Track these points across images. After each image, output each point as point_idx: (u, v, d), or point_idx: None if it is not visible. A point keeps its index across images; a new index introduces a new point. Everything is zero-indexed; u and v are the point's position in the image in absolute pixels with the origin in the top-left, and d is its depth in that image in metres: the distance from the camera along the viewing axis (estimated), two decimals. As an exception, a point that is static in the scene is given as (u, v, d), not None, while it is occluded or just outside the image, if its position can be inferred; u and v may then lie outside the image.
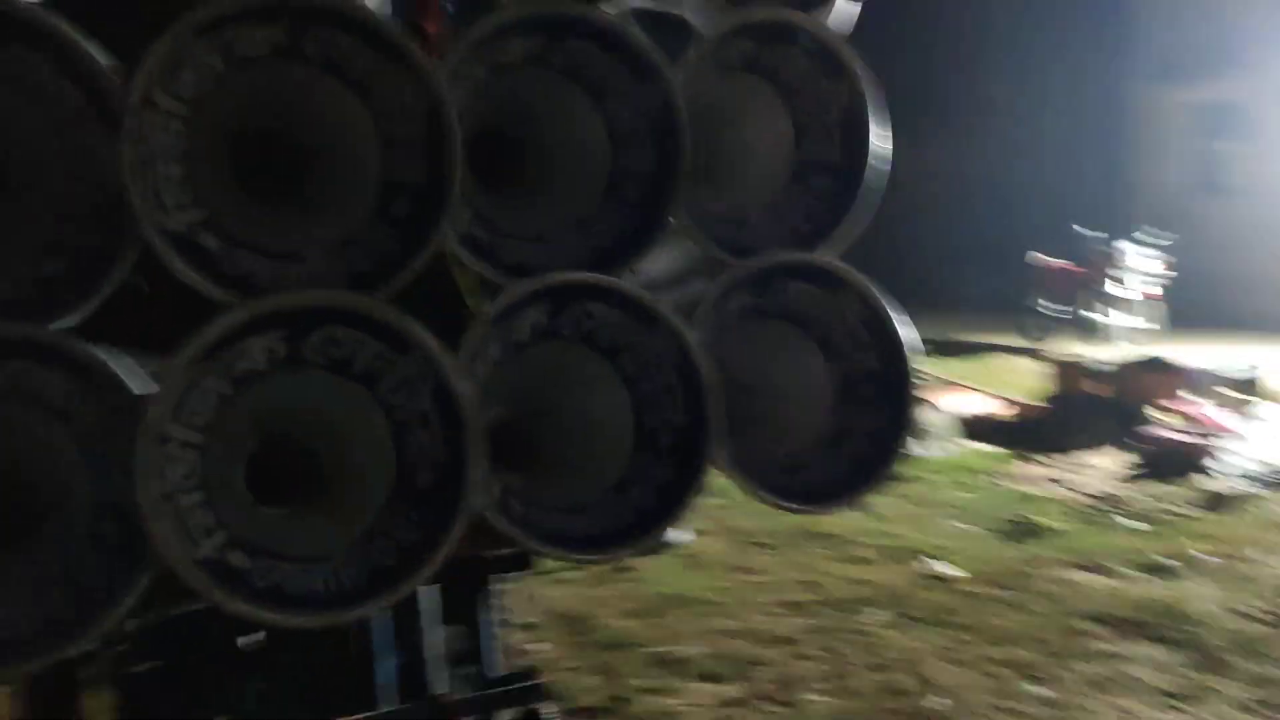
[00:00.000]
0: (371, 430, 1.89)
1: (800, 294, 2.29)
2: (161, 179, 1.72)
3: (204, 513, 1.76)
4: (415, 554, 1.86)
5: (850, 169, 2.32)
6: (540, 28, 1.97)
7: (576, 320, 2.06)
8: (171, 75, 1.69)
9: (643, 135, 2.09)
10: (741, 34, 2.20)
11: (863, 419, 2.33)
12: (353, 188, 1.88)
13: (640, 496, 2.10)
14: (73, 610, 1.74)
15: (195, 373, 1.72)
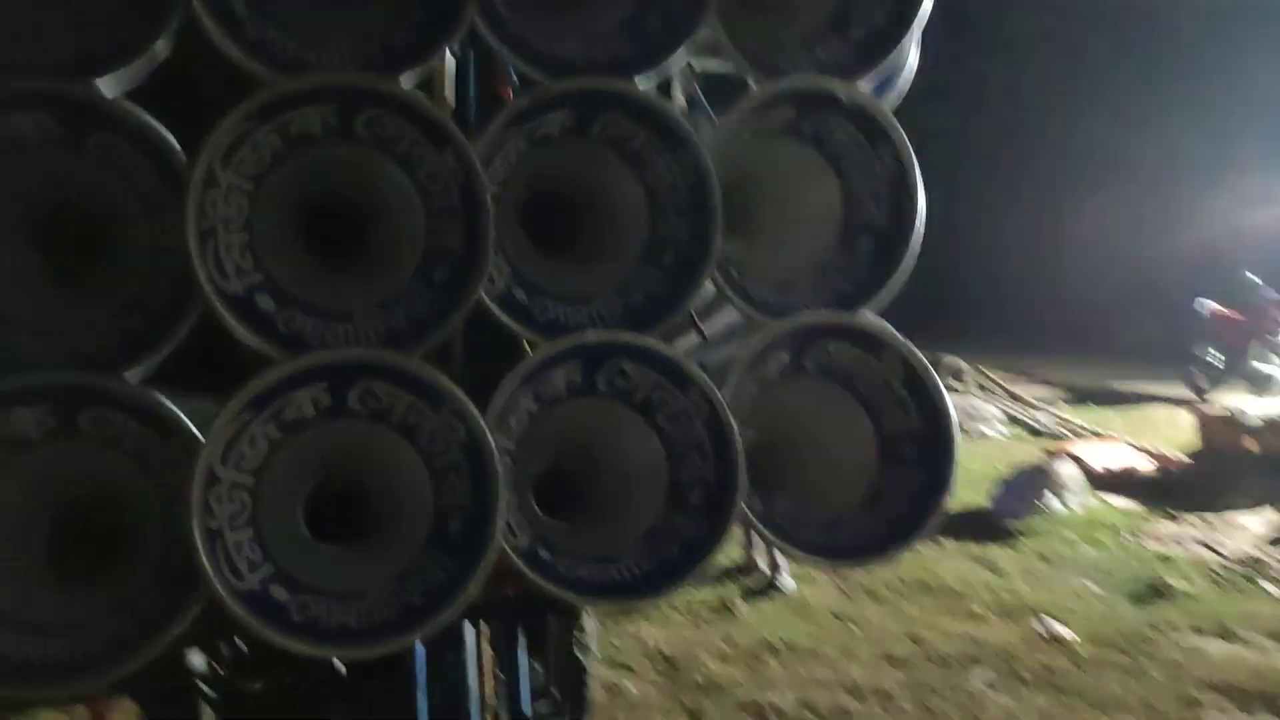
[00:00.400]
0: (411, 477, 2.03)
1: (840, 354, 2.34)
2: (223, 246, 1.90)
3: (251, 548, 1.93)
4: (443, 595, 1.98)
5: (895, 232, 2.36)
6: (575, 102, 2.09)
7: (611, 377, 2.16)
8: (232, 154, 1.88)
9: (679, 202, 2.19)
10: (781, 101, 2.27)
11: (902, 478, 2.35)
12: (398, 254, 2.04)
13: (667, 549, 2.17)
14: (135, 633, 1.92)
15: (244, 420, 1.89)
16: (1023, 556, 6.34)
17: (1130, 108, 17.64)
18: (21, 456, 1.89)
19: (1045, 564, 6.21)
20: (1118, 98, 17.96)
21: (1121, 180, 17.98)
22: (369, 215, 2.06)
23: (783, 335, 2.28)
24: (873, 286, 2.37)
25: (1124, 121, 17.96)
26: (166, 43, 1.91)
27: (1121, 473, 7.74)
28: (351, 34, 1.98)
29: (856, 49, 2.34)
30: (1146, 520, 7.00)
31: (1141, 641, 4.94)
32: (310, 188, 2.00)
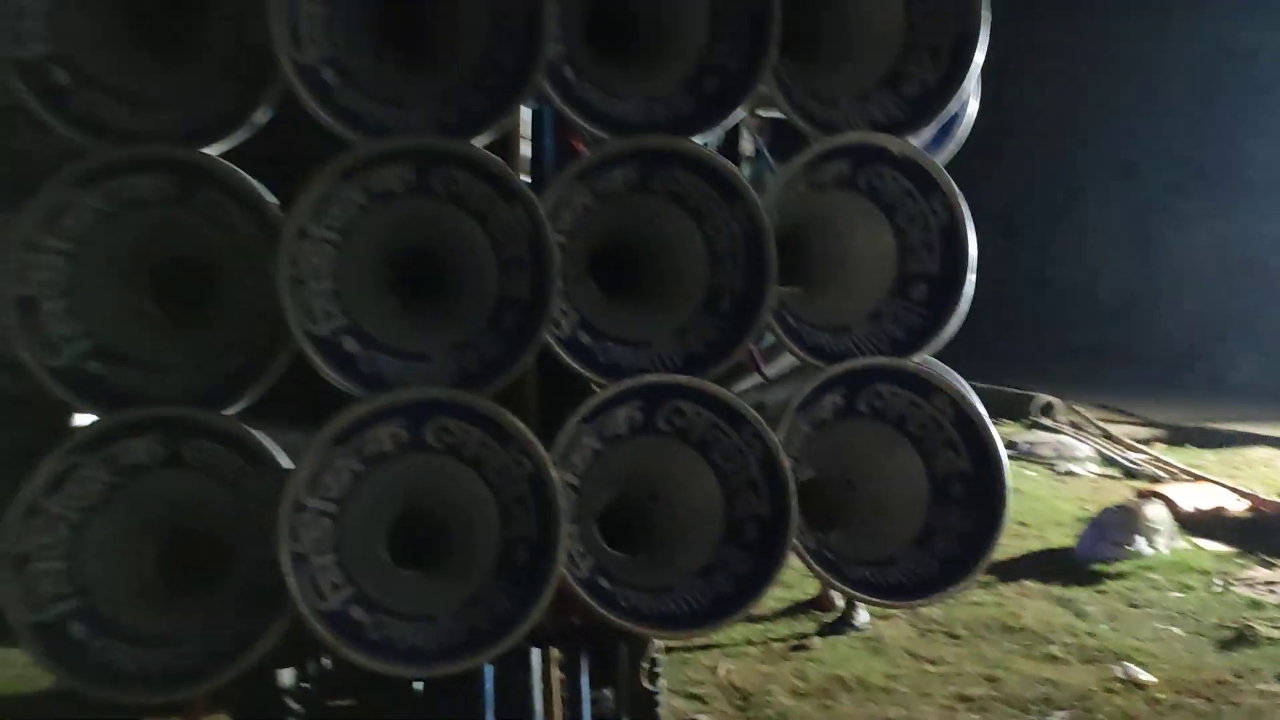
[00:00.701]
0: (480, 509, 2.18)
1: (892, 396, 2.43)
2: (312, 293, 2.09)
3: (335, 572, 2.10)
4: (508, 620, 2.12)
5: (948, 280, 2.45)
6: (636, 159, 2.24)
7: (669, 417, 2.29)
8: (321, 210, 2.07)
9: (736, 252, 2.31)
10: (835, 156, 2.38)
11: (954, 519, 2.43)
12: (471, 300, 2.21)
13: (722, 583, 2.28)
14: (229, 647, 2.11)
15: (329, 453, 2.06)
16: (1107, 599, 6.23)
17: (1237, 120, 17.14)
18: (133, 482, 2.09)
19: (1130, 608, 6.09)
20: (1224, 108, 17.48)
21: (1225, 204, 17.53)
22: (445, 264, 2.24)
23: (835, 378, 2.38)
24: (926, 332, 2.46)
25: (1229, 135, 17.50)
26: (265, 111, 2.11)
27: (1212, 514, 7.54)
28: (430, 99, 2.16)
29: (910, 105, 2.45)
30: (1238, 565, 6.81)
31: (1224, 688, 4.84)
32: (391, 239, 2.19)
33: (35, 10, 2.00)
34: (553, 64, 2.20)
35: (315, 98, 2.06)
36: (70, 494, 2.06)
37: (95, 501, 2.07)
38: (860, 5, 2.48)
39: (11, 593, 2.02)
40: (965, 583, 2.39)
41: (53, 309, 2.04)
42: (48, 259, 2.03)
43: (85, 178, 2.01)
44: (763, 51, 2.26)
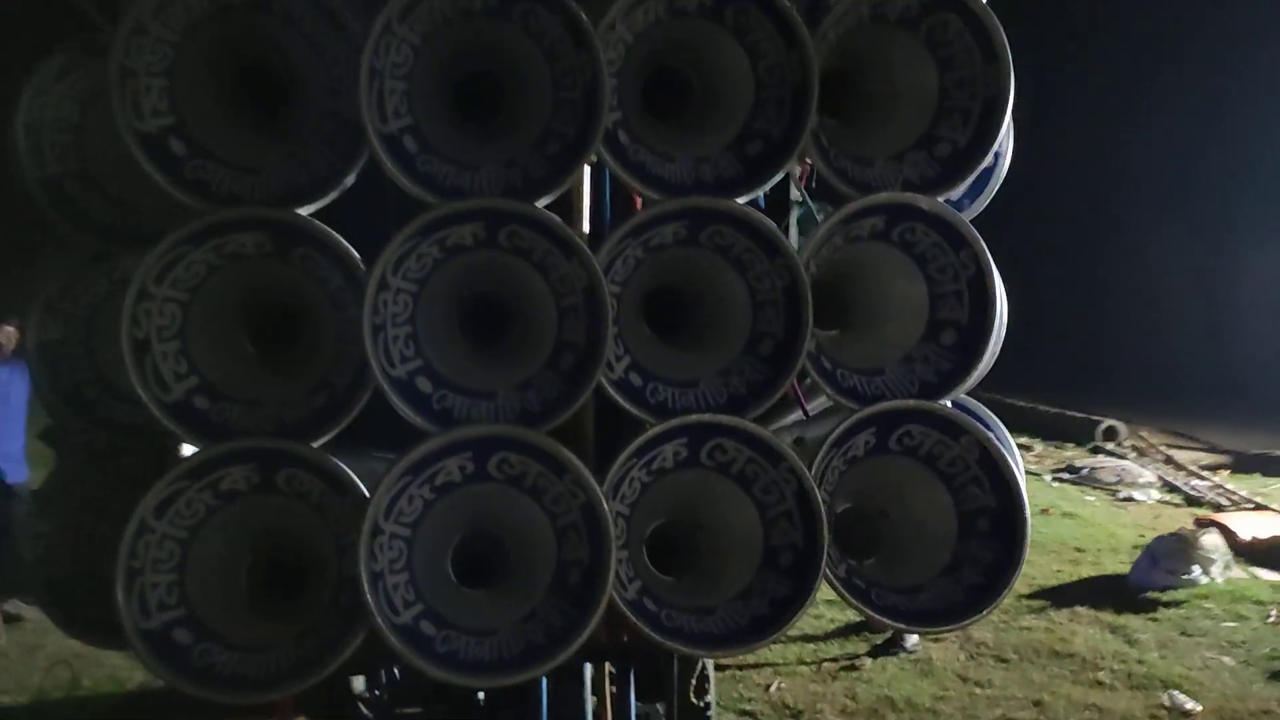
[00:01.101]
0: (538, 534, 2.40)
1: (922, 436, 2.61)
2: (391, 338, 2.33)
3: (407, 589, 2.33)
4: (562, 636, 2.34)
5: (976, 328, 2.63)
6: (684, 217, 2.45)
7: (712, 452, 2.49)
8: (400, 263, 2.31)
9: (776, 300, 2.51)
10: (870, 213, 2.57)
11: (979, 551, 2.60)
12: (533, 344, 2.43)
13: (759, 606, 2.48)
14: (315, 655, 2.35)
15: (404, 483, 2.30)
16: (1160, 627, 6.29)
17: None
18: (231, 506, 2.34)
19: (1183, 636, 6.15)
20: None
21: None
22: (510, 311, 2.47)
23: (866, 419, 2.56)
24: (955, 377, 2.64)
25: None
26: (353, 175, 2.36)
27: (1272, 543, 7.54)
28: (498, 164, 2.38)
29: (941, 165, 2.63)
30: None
31: (1268, 718, 4.90)
32: (462, 288, 2.42)
33: (156, 88, 2.27)
34: (609, 130, 2.42)
35: (397, 165, 2.30)
36: (176, 515, 2.31)
37: (198, 522, 2.33)
38: (899, 72, 2.67)
39: (124, 602, 2.28)
40: (988, 610, 2.55)
41: (165, 350, 2.30)
42: (161, 306, 2.29)
43: (195, 236, 2.27)
44: (802, 119, 2.46)
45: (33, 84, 2.56)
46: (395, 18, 2.26)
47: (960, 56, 2.59)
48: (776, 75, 2.48)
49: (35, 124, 2.56)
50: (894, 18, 2.59)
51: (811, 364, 2.56)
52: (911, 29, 2.60)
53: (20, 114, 2.56)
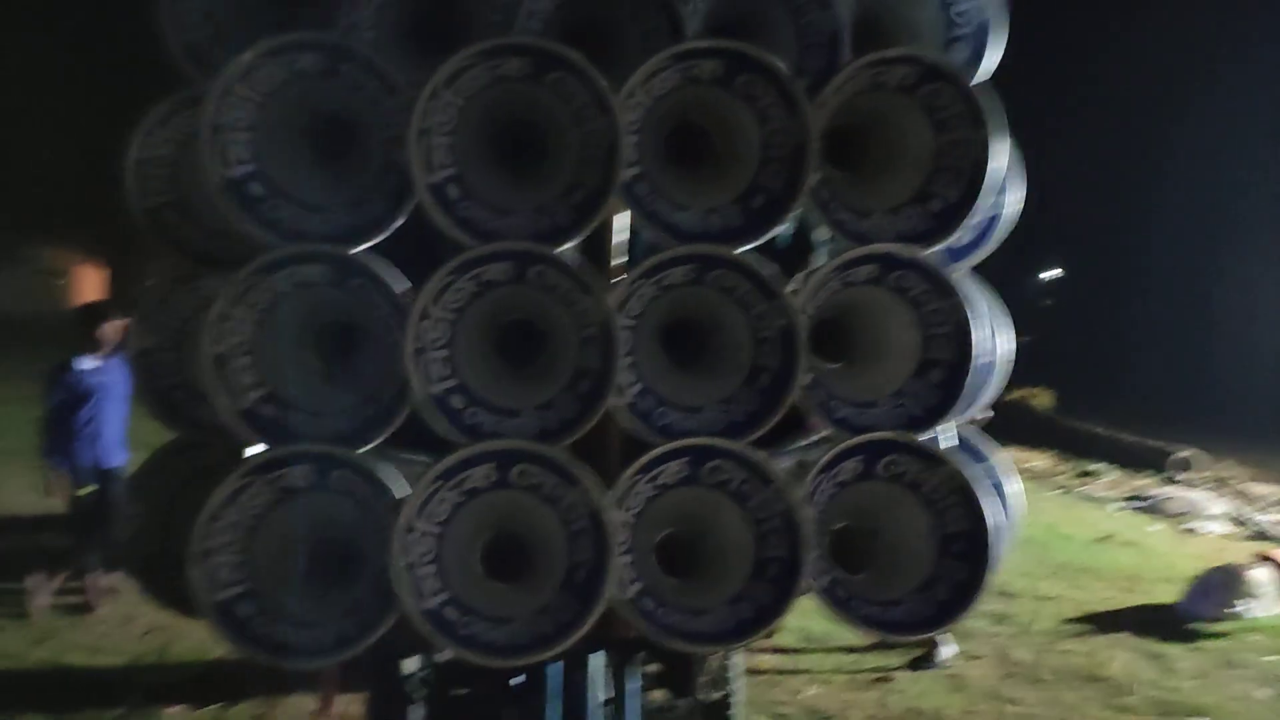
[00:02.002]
0: (552, 537, 2.73)
1: (906, 464, 2.88)
2: (430, 360, 2.68)
3: (435, 580, 2.67)
4: (568, 627, 2.66)
5: (958, 368, 2.88)
6: (693, 261, 2.75)
7: (712, 471, 2.79)
8: (440, 296, 2.66)
9: (774, 339, 2.80)
10: (865, 261, 2.85)
11: (953, 570, 2.86)
12: (555, 369, 2.76)
13: (745, 610, 2.77)
14: (354, 632, 2.71)
15: (435, 487, 2.65)
16: (1201, 657, 6.37)
17: None
18: (290, 499, 2.71)
19: (1224, 668, 6.22)
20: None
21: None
22: (535, 340, 2.80)
23: (854, 447, 2.84)
24: (939, 410, 2.90)
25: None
26: (404, 216, 2.72)
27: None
28: (529, 210, 2.72)
29: (934, 219, 2.90)
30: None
31: (1294, 752, 5.00)
32: (494, 319, 2.76)
33: (240, 140, 2.65)
34: (628, 182, 2.74)
35: (441, 209, 2.66)
36: (244, 505, 2.69)
37: (261, 512, 2.70)
38: (898, 133, 2.94)
39: (198, 578, 2.67)
40: (954, 623, 2.81)
41: (239, 364, 2.69)
42: (237, 326, 2.68)
43: (268, 266, 2.65)
44: (801, 177, 2.75)
45: (141, 128, 2.97)
46: (442, 84, 2.62)
47: (953, 121, 2.86)
48: (779, 137, 2.77)
49: (142, 161, 2.98)
50: (893, 85, 2.86)
51: (807, 395, 2.85)
52: (909, 95, 2.87)
53: (131, 152, 2.97)
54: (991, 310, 3.31)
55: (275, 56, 2.62)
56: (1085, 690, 5.81)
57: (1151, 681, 5.96)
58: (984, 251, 3.31)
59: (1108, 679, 5.96)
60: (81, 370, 6.45)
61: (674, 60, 2.72)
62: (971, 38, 3.19)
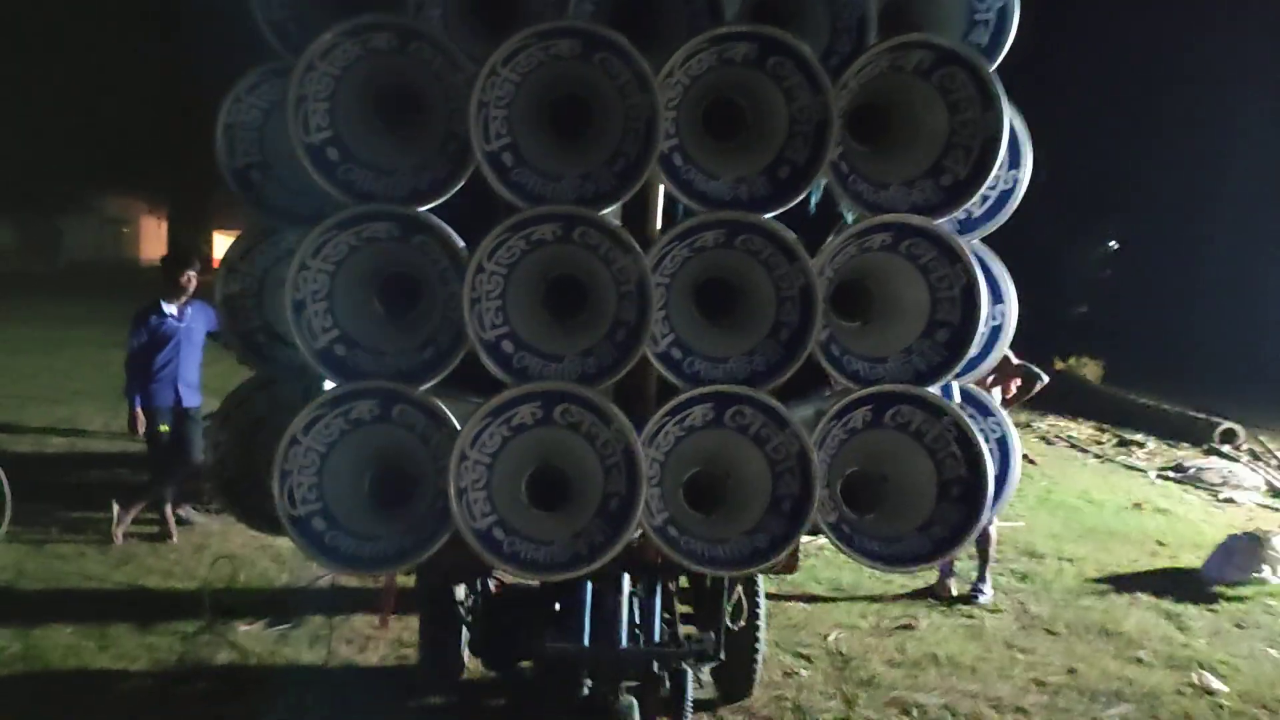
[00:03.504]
0: (590, 469, 3.06)
1: (911, 415, 3.17)
2: (484, 309, 3.01)
3: (484, 504, 3.03)
4: (601, 548, 3.01)
5: (965, 328, 3.16)
6: (722, 226, 3.05)
7: (734, 416, 3.11)
8: (494, 252, 2.99)
9: (794, 298, 3.09)
10: (880, 230, 3.13)
11: (949, 512, 3.16)
12: (596, 320, 3.08)
13: (761, 541, 3.09)
14: (412, 545, 3.07)
15: (487, 422, 2.99)
16: (1216, 618, 6.57)
17: None
18: (358, 430, 3.07)
19: (1236, 627, 6.42)
20: None
21: None
22: (579, 293, 3.12)
23: (864, 397, 3.14)
24: (944, 367, 3.19)
25: None
26: (463, 180, 3.04)
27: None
28: (575, 177, 3.03)
29: (945, 192, 3.17)
30: (1375, 600, 6.97)
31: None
32: (542, 273, 3.09)
33: (320, 110, 2.99)
34: (665, 154, 3.04)
35: (497, 176, 2.98)
36: (317, 434, 3.06)
37: (333, 440, 3.07)
38: (915, 112, 3.21)
39: (278, 496, 3.04)
40: (945, 559, 3.11)
41: (315, 309, 3.04)
42: (314, 275, 3.03)
43: (342, 223, 2.99)
44: (823, 150, 3.03)
45: (231, 94, 3.32)
46: (500, 62, 2.93)
47: (965, 103, 3.12)
48: (804, 114, 3.05)
49: (231, 126, 3.33)
50: (910, 68, 3.12)
51: (821, 350, 3.15)
52: (925, 78, 3.13)
53: (221, 117, 3.32)
54: (1001, 279, 3.57)
55: (352, 36, 2.95)
56: (1097, 643, 6.06)
57: (1164, 637, 6.19)
58: (995, 223, 3.56)
59: (1121, 634, 6.19)
60: (165, 315, 6.89)
61: (711, 43, 3.00)
62: (991, 22, 3.43)
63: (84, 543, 6.94)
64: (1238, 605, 6.86)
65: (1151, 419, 14.56)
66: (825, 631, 6.04)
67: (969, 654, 5.77)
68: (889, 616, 6.39)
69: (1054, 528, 8.88)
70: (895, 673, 5.45)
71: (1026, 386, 6.72)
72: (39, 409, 11.29)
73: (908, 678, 5.40)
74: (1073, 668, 5.65)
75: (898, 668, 5.53)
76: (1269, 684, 5.54)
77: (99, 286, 27.75)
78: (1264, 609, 6.82)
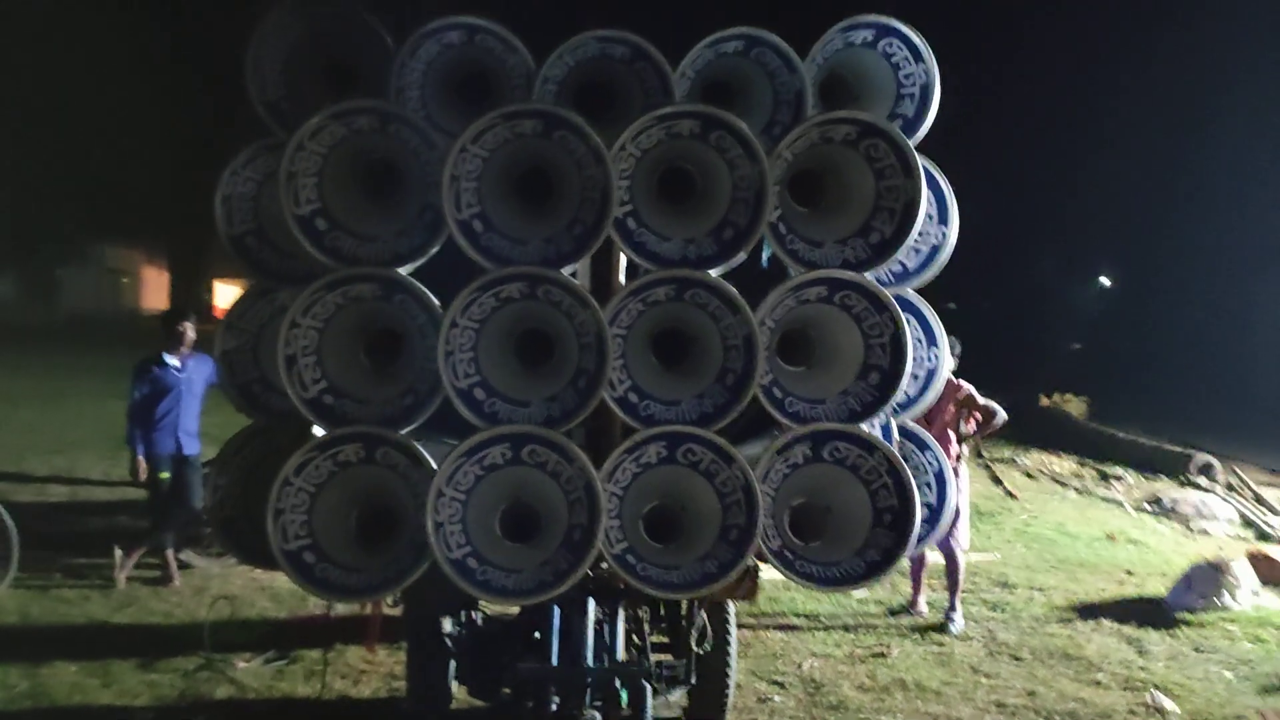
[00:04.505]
0: (555, 503, 3.38)
1: (846, 450, 3.49)
2: (458, 360, 3.34)
3: (460, 536, 3.34)
4: (565, 574, 3.31)
5: (893, 372, 3.49)
6: (673, 283, 3.39)
7: (685, 454, 3.43)
8: (467, 308, 3.32)
9: (739, 346, 3.42)
10: (815, 284, 3.47)
11: (882, 538, 3.47)
12: (560, 368, 3.41)
13: (711, 566, 3.40)
14: (394, 575, 3.38)
15: (461, 462, 3.31)
16: (1176, 642, 6.85)
17: None
18: (344, 471, 3.39)
19: (1195, 651, 6.69)
20: None
21: None
22: (544, 344, 3.45)
23: (803, 435, 3.46)
24: (875, 405, 3.52)
25: None
26: (438, 245, 3.38)
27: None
28: (539, 240, 3.37)
29: (872, 249, 3.51)
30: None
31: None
32: (510, 327, 3.42)
33: (309, 184, 3.34)
34: (619, 219, 3.38)
35: (468, 241, 3.32)
36: (308, 475, 3.37)
37: (322, 481, 3.38)
38: (846, 178, 3.56)
39: (271, 532, 3.35)
40: (877, 581, 3.44)
41: (306, 362, 3.37)
42: (304, 332, 3.36)
43: (329, 285, 3.33)
44: (761, 214, 3.38)
45: (228, 168, 3.67)
46: (470, 140, 3.28)
47: (888, 170, 3.47)
48: (745, 182, 3.40)
49: (229, 197, 3.67)
50: (839, 139, 3.48)
51: (764, 393, 3.48)
52: (854, 147, 3.49)
53: (219, 189, 3.67)
54: (935, 325, 3.91)
55: (337, 119, 3.30)
56: (1059, 667, 6.33)
57: (1123, 661, 6.47)
58: (929, 273, 3.91)
59: (1082, 658, 6.47)
60: (166, 366, 7.22)
61: (658, 121, 3.36)
62: (916, 96, 3.80)
63: (87, 587, 7.22)
64: (1198, 631, 7.14)
65: (1131, 453, 14.89)
66: (800, 660, 6.32)
67: (936, 679, 6.04)
68: (863, 645, 6.67)
69: (1029, 559, 9.17)
70: (864, 697, 5.73)
71: (987, 420, 7.04)
72: (39, 459, 11.59)
73: (875, 702, 5.68)
74: (1033, 690, 5.92)
75: (867, 693, 5.81)
76: (1220, 704, 5.81)
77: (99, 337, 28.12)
78: (1223, 634, 7.10)
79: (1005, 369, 21.80)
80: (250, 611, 6.80)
